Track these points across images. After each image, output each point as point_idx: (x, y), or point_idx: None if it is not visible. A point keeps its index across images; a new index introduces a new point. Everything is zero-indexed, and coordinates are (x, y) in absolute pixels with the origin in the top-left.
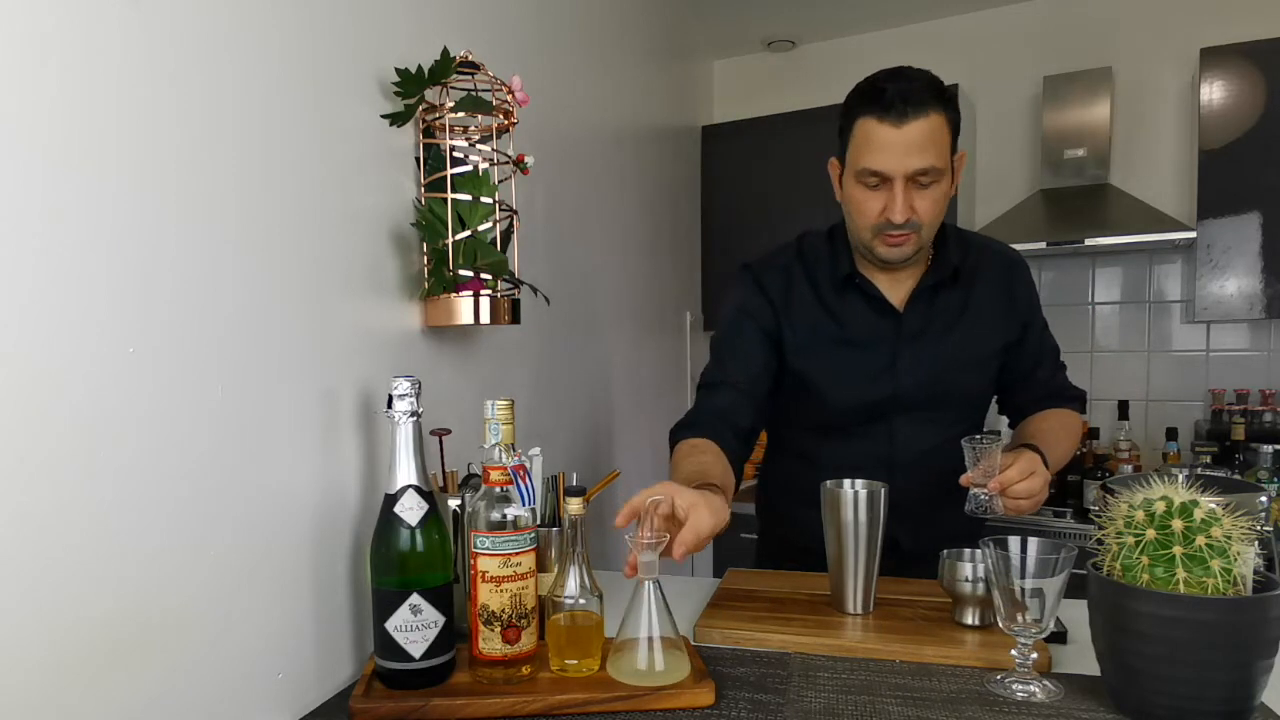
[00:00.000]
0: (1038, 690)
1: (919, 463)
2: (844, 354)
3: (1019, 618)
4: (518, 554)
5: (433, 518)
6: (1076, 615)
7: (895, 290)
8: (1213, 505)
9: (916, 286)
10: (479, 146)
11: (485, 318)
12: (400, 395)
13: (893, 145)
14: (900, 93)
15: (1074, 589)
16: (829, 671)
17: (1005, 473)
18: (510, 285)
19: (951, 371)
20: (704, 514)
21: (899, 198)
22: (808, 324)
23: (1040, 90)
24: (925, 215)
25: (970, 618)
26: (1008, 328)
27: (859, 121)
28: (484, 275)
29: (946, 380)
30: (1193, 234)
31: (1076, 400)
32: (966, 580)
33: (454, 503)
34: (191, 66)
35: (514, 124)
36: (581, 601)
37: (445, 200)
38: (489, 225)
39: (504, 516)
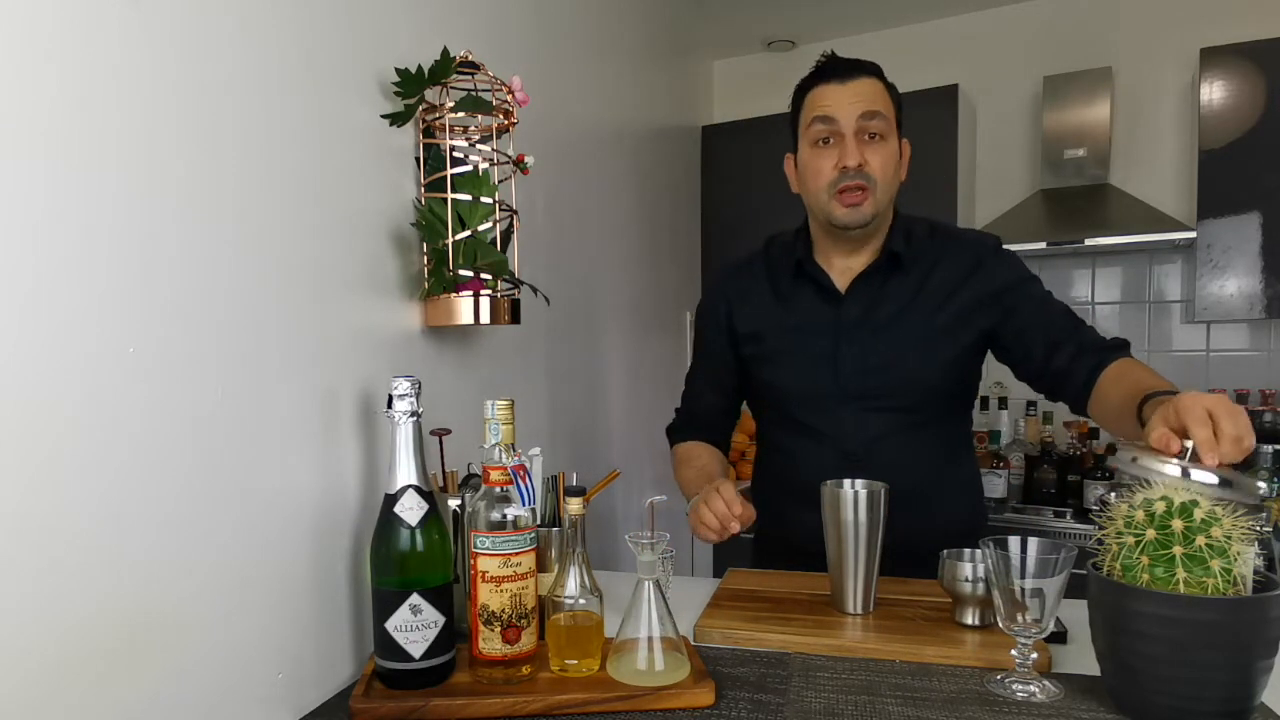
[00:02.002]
0: (1038, 690)
1: (876, 454)
2: (791, 340)
3: (1019, 618)
4: (518, 554)
5: (433, 518)
6: (1076, 615)
7: (846, 277)
8: (1213, 505)
9: (861, 271)
10: (479, 146)
11: (485, 318)
12: (400, 395)
13: (839, 95)
14: (842, 61)
15: (1074, 589)
16: (829, 671)
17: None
18: (510, 285)
19: (898, 359)
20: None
21: (850, 144)
22: (760, 314)
23: (1040, 90)
24: (877, 171)
25: (970, 618)
26: (986, 314)
27: (807, 96)
28: (484, 275)
29: (892, 367)
30: (1193, 234)
31: (1121, 349)
32: (966, 580)
33: (454, 503)
34: (191, 66)
35: (514, 124)
36: (581, 601)
37: (445, 200)
38: (489, 225)
39: (504, 516)
